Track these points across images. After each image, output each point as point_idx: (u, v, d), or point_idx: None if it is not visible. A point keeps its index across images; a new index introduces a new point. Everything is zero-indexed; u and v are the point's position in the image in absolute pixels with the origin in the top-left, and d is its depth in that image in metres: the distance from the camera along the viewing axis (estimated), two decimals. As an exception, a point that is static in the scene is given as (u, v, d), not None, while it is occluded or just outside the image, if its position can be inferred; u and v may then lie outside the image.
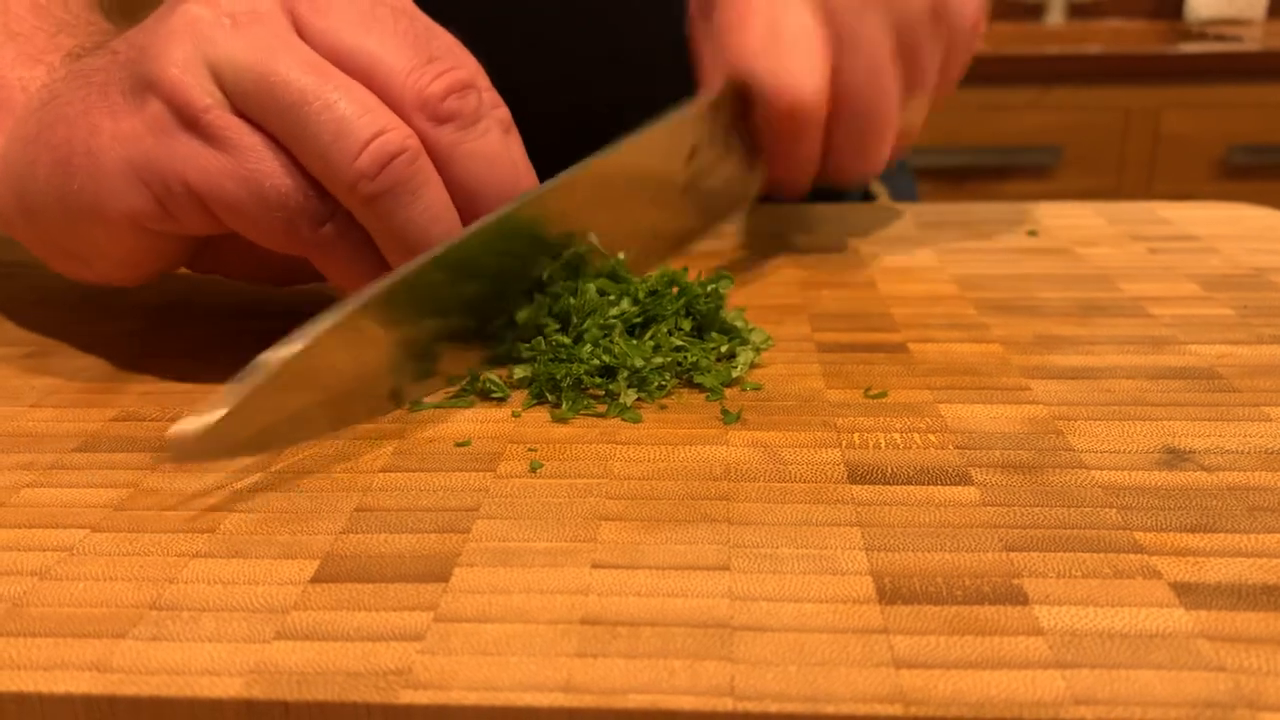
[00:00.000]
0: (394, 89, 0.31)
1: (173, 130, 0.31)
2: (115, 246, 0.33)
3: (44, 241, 0.35)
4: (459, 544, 0.24)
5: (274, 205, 0.31)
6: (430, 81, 0.31)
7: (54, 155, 0.32)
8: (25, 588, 0.23)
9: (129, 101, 0.31)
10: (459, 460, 0.29)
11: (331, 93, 0.30)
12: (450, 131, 0.32)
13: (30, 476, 0.28)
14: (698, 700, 0.19)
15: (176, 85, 0.30)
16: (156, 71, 0.31)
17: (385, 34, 0.32)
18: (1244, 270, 0.44)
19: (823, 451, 0.29)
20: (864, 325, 0.38)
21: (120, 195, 0.31)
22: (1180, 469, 0.27)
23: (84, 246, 0.34)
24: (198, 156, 0.31)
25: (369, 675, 0.20)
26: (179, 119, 0.31)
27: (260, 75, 0.30)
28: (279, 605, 0.22)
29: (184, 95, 0.30)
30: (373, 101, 0.31)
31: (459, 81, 0.32)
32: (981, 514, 0.25)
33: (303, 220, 0.31)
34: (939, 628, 0.21)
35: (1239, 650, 0.20)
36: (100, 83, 0.32)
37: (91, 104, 0.32)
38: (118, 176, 0.31)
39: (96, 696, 0.20)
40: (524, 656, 0.20)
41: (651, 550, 0.24)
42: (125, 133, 0.31)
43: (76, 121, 0.32)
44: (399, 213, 0.31)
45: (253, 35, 0.31)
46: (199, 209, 0.31)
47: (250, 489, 0.27)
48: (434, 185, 0.31)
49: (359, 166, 0.30)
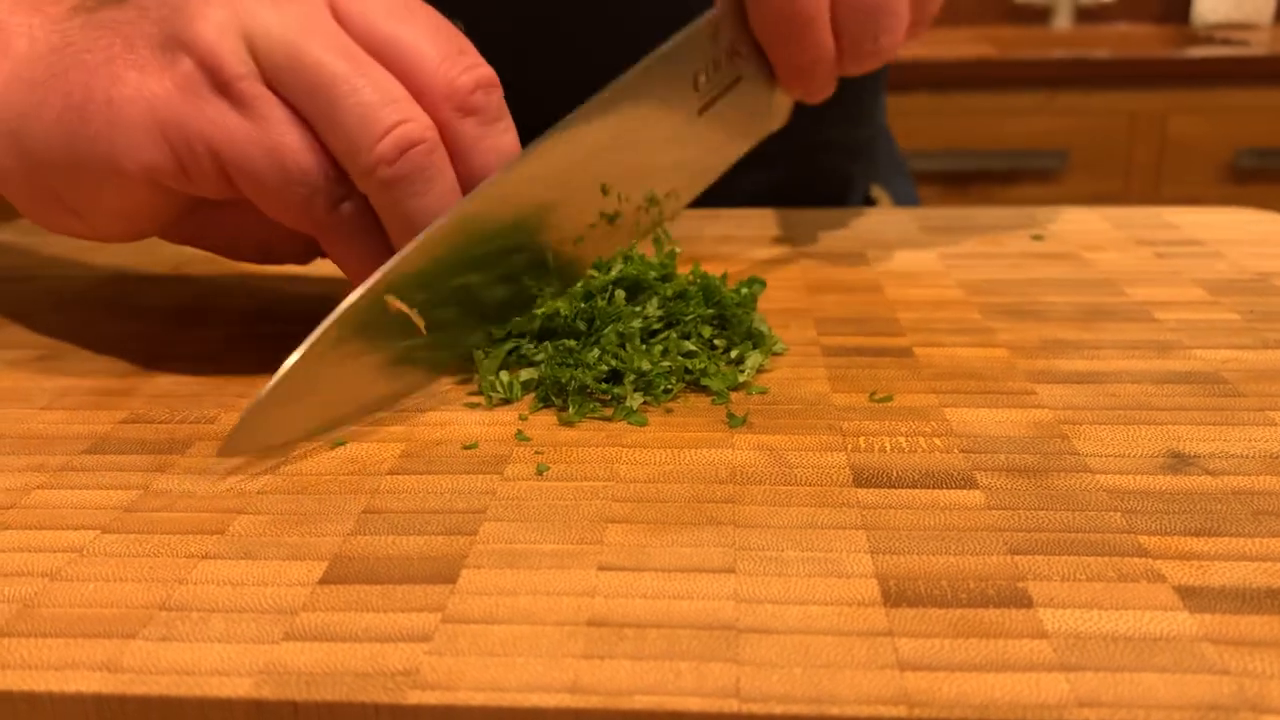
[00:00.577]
0: (424, 77, 0.32)
1: (203, 92, 0.31)
2: (119, 199, 0.33)
3: (38, 188, 0.34)
4: (466, 546, 0.25)
5: (295, 179, 0.31)
6: (460, 73, 0.32)
7: (67, 100, 0.32)
8: (36, 588, 0.23)
9: (159, 57, 0.32)
10: (466, 463, 0.29)
11: (360, 78, 0.31)
12: (475, 125, 0.33)
13: (41, 478, 0.29)
14: (703, 702, 0.19)
15: (212, 48, 0.31)
16: (193, 32, 0.31)
17: (419, 25, 0.33)
18: (1250, 275, 0.44)
19: (828, 455, 0.29)
20: (870, 329, 0.38)
21: (140, 148, 0.32)
22: (1185, 473, 0.27)
23: (83, 196, 0.34)
24: (225, 121, 0.31)
25: (377, 676, 0.20)
26: (210, 82, 0.31)
27: (295, 53, 0.31)
28: (288, 606, 0.22)
29: (218, 59, 0.31)
30: (399, 91, 0.31)
31: (486, 78, 0.33)
32: (986, 517, 0.25)
33: (319, 198, 0.32)
34: (944, 630, 0.21)
35: (1243, 654, 0.20)
36: (127, 34, 0.32)
37: (115, 53, 0.32)
38: (139, 129, 0.31)
39: (107, 696, 0.20)
40: (531, 658, 0.21)
41: (657, 553, 0.24)
42: (153, 87, 0.31)
43: (98, 69, 0.32)
44: (412, 200, 0.31)
45: (291, 12, 0.31)
46: (218, 172, 0.32)
47: (259, 491, 0.27)
48: (448, 176, 0.32)
49: (380, 151, 0.31)
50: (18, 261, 0.51)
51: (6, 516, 0.27)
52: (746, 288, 0.37)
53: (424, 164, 0.31)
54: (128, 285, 0.47)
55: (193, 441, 0.31)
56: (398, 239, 0.32)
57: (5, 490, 0.28)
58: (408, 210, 0.32)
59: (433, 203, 0.32)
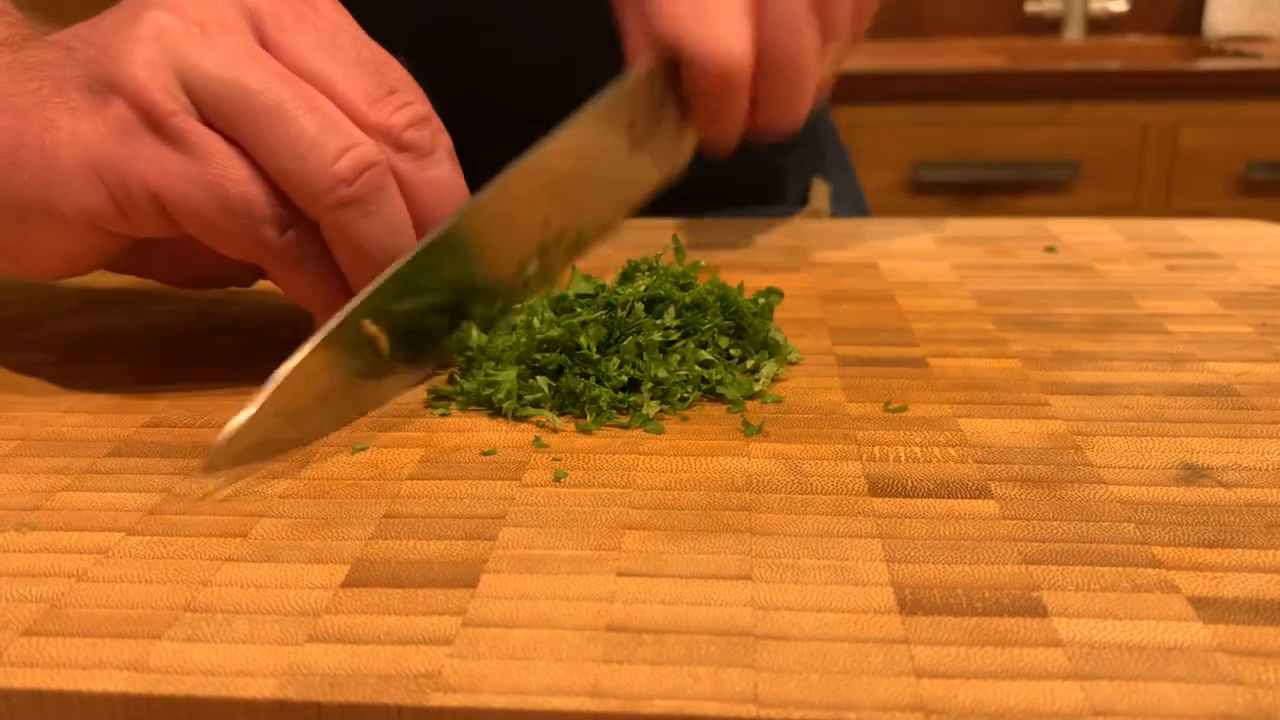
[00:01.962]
0: (355, 116, 0.32)
1: (137, 132, 0.31)
2: (57, 243, 0.33)
3: None
4: (486, 551, 0.25)
5: (237, 211, 0.31)
6: (392, 113, 0.33)
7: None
8: (63, 589, 0.24)
9: (89, 99, 0.32)
10: (485, 469, 0.29)
11: (304, 104, 0.31)
12: (408, 160, 0.33)
13: (66, 480, 0.29)
14: (722, 707, 0.20)
15: (142, 88, 0.31)
16: (123, 73, 0.31)
17: (347, 61, 0.33)
18: (1263, 288, 0.44)
19: (843, 464, 0.29)
20: (884, 340, 0.39)
21: (76, 193, 0.31)
22: (1198, 485, 0.28)
23: (18, 240, 0.33)
24: (161, 160, 0.31)
25: (400, 678, 0.21)
26: (144, 121, 0.31)
27: (231, 84, 0.31)
28: (311, 609, 0.23)
29: (149, 98, 0.31)
30: (340, 116, 0.32)
31: (418, 116, 0.33)
32: (1001, 527, 0.26)
33: (265, 228, 0.32)
34: (959, 638, 0.21)
35: (1257, 664, 0.21)
36: (55, 77, 0.32)
37: (44, 97, 0.32)
38: (74, 174, 0.31)
39: (134, 695, 0.20)
40: (551, 661, 0.21)
41: (675, 559, 0.24)
42: (85, 131, 0.31)
43: (27, 114, 0.32)
44: (364, 221, 0.32)
45: (223, 45, 0.31)
46: (157, 212, 0.31)
47: (281, 495, 0.28)
48: (397, 199, 0.33)
49: (337, 171, 0.31)
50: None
51: (32, 518, 0.27)
52: (763, 298, 0.37)
53: (379, 184, 0.32)
54: (148, 290, 0.47)
55: (214, 445, 0.31)
56: (345, 263, 0.33)
57: (31, 492, 0.28)
58: (360, 232, 0.32)
59: (384, 224, 0.32)
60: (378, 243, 0.32)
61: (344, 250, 0.32)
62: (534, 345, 0.34)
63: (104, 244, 0.34)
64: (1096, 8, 1.93)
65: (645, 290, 0.35)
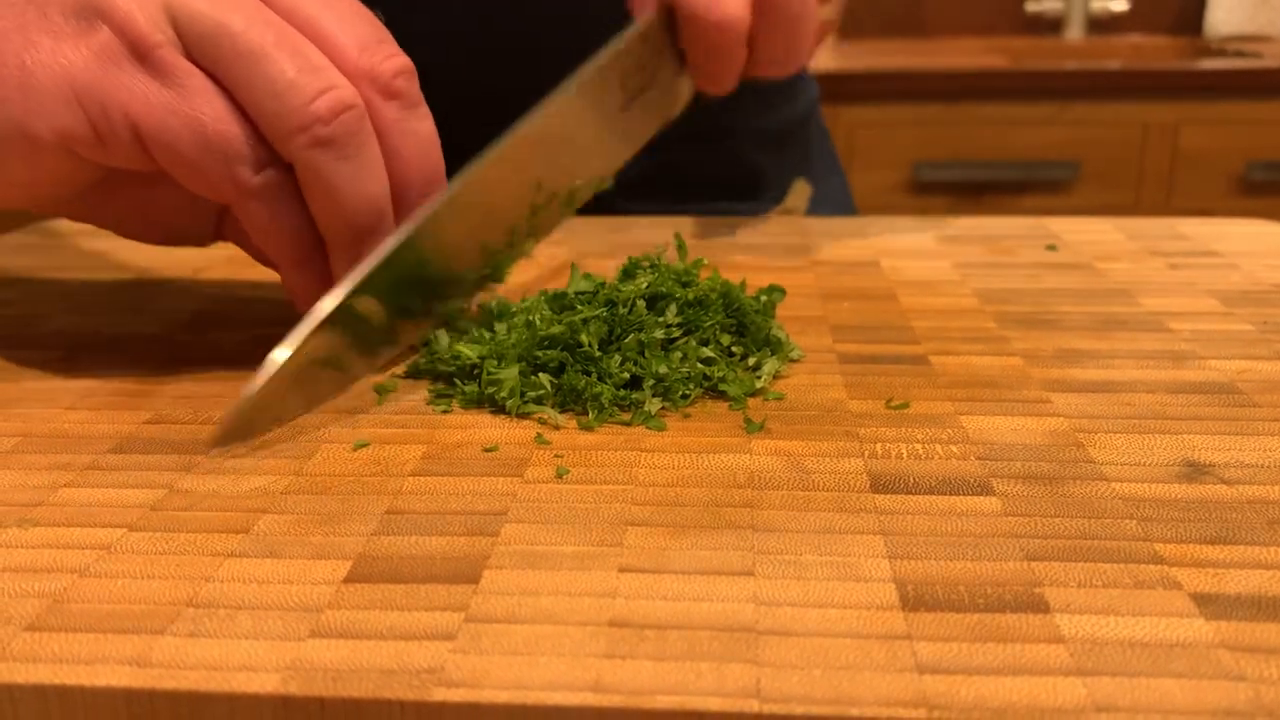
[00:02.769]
0: (346, 60, 0.33)
1: (120, 60, 0.31)
2: (25, 168, 0.33)
3: None
4: (488, 547, 0.25)
5: (215, 148, 0.31)
6: (382, 60, 0.33)
7: None
8: (66, 584, 0.24)
9: (74, 24, 0.32)
10: (487, 465, 0.29)
11: (287, 46, 0.31)
12: (396, 109, 0.33)
13: (68, 476, 0.29)
14: (724, 702, 0.20)
15: (130, 17, 0.31)
16: (112, 1, 0.31)
17: (341, 10, 0.33)
18: (1264, 286, 0.44)
19: (845, 461, 0.29)
20: (885, 337, 0.39)
21: (53, 114, 0.31)
22: (1200, 482, 0.28)
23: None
24: (144, 90, 0.31)
25: (402, 673, 0.21)
26: (129, 51, 0.31)
27: (218, 23, 0.31)
28: (313, 604, 0.23)
29: (137, 28, 0.31)
30: (323, 61, 0.32)
31: (406, 65, 0.34)
32: (1003, 524, 0.26)
33: (240, 165, 0.32)
34: (962, 634, 0.21)
35: (1259, 660, 0.21)
36: (40, 1, 0.32)
37: (29, 20, 0.32)
38: (54, 96, 0.31)
39: (137, 690, 0.20)
40: (553, 657, 0.21)
41: (677, 555, 0.24)
42: (68, 54, 0.31)
43: (9, 35, 0.32)
44: (339, 165, 0.32)
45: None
46: (133, 141, 0.31)
47: (283, 491, 0.28)
48: (373, 145, 0.33)
49: (314, 110, 0.31)
50: (41, 262, 0.51)
51: (35, 514, 0.27)
52: (765, 295, 0.37)
53: (355, 128, 0.32)
54: (149, 287, 0.47)
55: (216, 442, 0.31)
56: (319, 207, 0.33)
57: (33, 488, 0.28)
58: (333, 174, 0.32)
59: (359, 169, 0.32)
60: (351, 187, 0.32)
61: (316, 193, 0.32)
62: (535, 343, 0.34)
63: (73, 173, 0.33)
64: (1097, 7, 1.93)
65: (647, 287, 0.35)
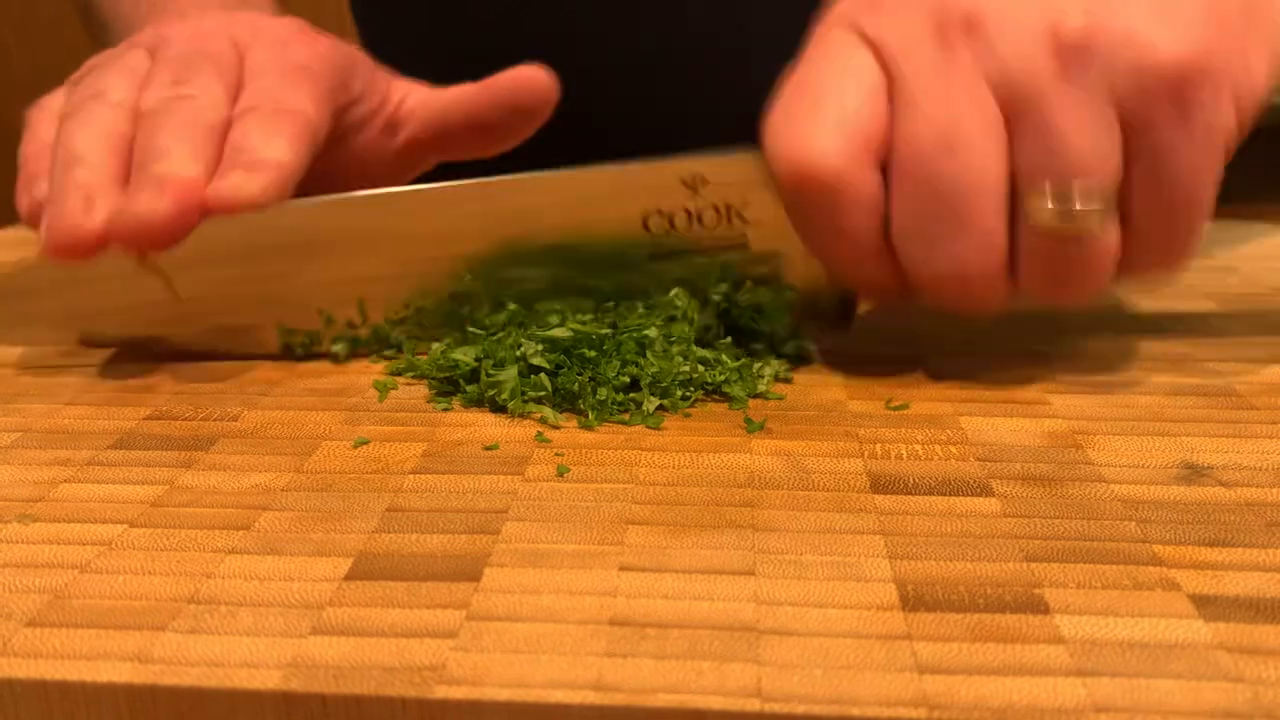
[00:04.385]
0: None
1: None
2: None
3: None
4: (489, 545, 0.25)
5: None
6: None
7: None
8: (67, 580, 0.24)
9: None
10: (487, 463, 0.29)
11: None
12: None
13: (68, 472, 0.29)
14: (725, 700, 0.20)
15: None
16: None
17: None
18: (1263, 289, 0.44)
19: (845, 461, 0.29)
20: (885, 338, 0.39)
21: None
22: (1199, 484, 0.28)
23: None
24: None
25: (404, 670, 0.21)
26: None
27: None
28: (314, 601, 0.23)
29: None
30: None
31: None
32: (1003, 525, 0.26)
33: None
34: (961, 634, 0.21)
35: (1258, 662, 0.21)
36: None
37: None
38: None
39: (138, 686, 0.20)
40: (555, 655, 0.21)
41: (678, 554, 0.24)
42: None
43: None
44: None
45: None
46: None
47: (283, 488, 0.28)
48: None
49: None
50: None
51: (35, 509, 0.27)
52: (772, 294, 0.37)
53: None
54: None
55: (217, 438, 0.31)
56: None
57: (33, 483, 0.28)
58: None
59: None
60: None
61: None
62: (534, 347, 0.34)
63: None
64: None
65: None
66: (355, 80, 0.43)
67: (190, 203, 0.34)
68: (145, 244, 0.34)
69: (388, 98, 0.46)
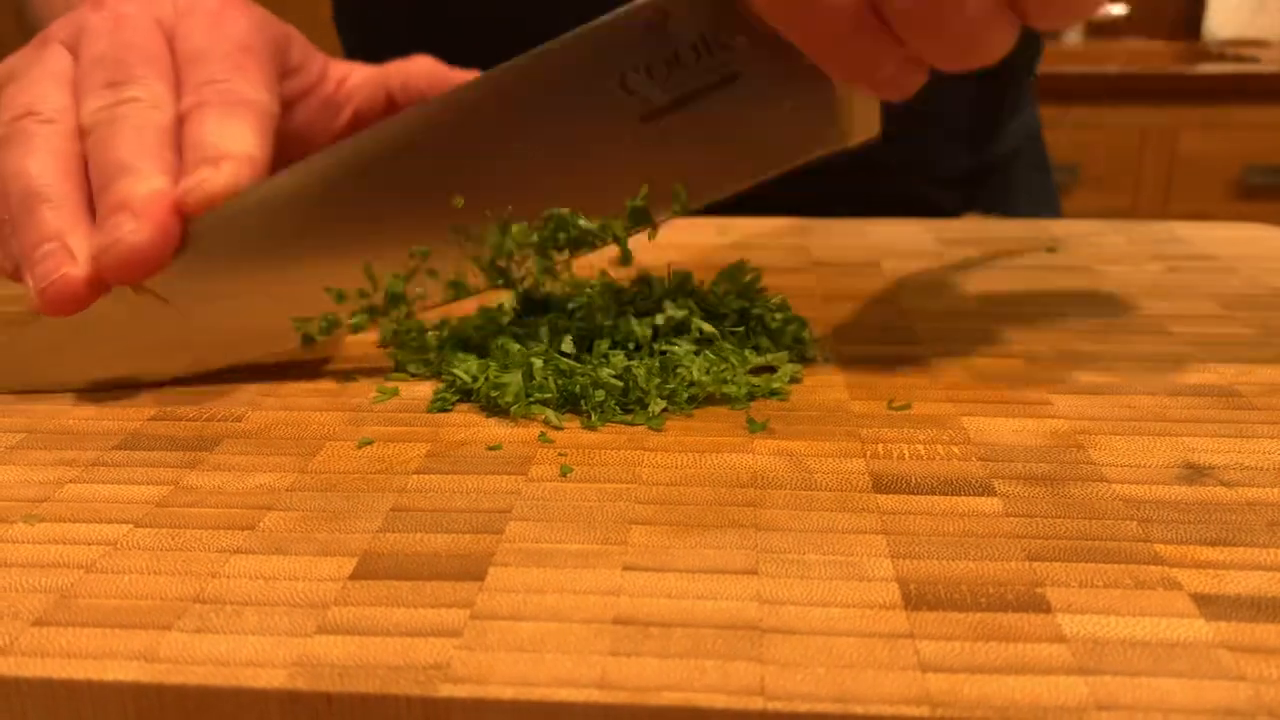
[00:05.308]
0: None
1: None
2: None
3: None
4: (493, 544, 0.25)
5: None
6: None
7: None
8: (73, 580, 0.24)
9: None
10: (491, 463, 0.29)
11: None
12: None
13: (73, 472, 0.29)
14: (729, 699, 0.20)
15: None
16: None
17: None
18: (1263, 290, 0.44)
19: (848, 461, 0.29)
20: (887, 338, 0.39)
21: None
22: (1200, 484, 0.28)
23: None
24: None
25: (409, 669, 0.21)
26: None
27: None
28: (319, 600, 0.23)
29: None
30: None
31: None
32: (1004, 524, 0.26)
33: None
34: (964, 633, 0.22)
35: (1259, 660, 0.21)
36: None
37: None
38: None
39: (145, 685, 0.21)
40: (559, 654, 0.21)
41: (681, 554, 0.25)
42: None
43: None
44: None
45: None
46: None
47: (288, 489, 0.28)
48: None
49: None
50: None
51: (41, 509, 0.27)
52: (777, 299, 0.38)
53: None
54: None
55: (221, 439, 0.31)
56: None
57: (38, 484, 0.28)
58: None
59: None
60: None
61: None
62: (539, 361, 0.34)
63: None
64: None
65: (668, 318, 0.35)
66: (293, 51, 0.42)
67: (168, 218, 0.33)
68: (137, 274, 0.33)
69: (326, 74, 0.45)
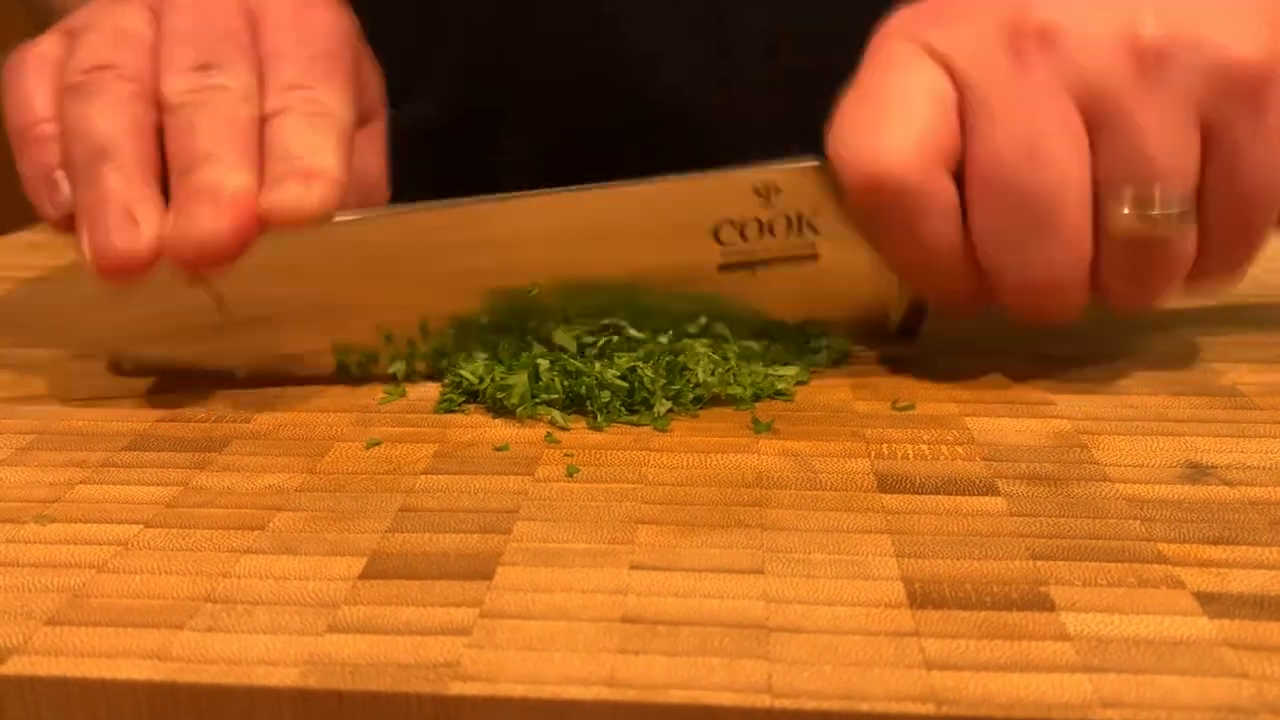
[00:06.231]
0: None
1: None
2: None
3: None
4: (501, 544, 0.25)
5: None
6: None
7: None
8: (85, 579, 0.24)
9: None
10: (498, 464, 0.29)
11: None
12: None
13: (83, 473, 0.29)
14: (737, 696, 0.20)
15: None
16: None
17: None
18: (1265, 290, 0.44)
19: (852, 461, 0.29)
20: (889, 340, 0.39)
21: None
22: (1202, 483, 0.28)
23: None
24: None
25: (419, 667, 0.21)
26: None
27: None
28: (330, 600, 0.23)
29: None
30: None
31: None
32: (1008, 524, 0.26)
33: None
34: (969, 632, 0.22)
35: (1262, 658, 0.21)
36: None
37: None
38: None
39: (158, 683, 0.21)
40: (568, 652, 0.21)
41: (687, 553, 0.25)
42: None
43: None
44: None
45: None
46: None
47: (297, 489, 0.28)
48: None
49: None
50: (50, 261, 0.51)
51: (52, 510, 0.27)
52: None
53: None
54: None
55: (230, 440, 0.31)
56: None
57: (49, 485, 0.29)
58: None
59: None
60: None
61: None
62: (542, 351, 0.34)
63: None
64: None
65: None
66: (365, 65, 0.40)
67: (249, 218, 0.31)
68: (205, 265, 0.31)
69: (378, 109, 0.42)
